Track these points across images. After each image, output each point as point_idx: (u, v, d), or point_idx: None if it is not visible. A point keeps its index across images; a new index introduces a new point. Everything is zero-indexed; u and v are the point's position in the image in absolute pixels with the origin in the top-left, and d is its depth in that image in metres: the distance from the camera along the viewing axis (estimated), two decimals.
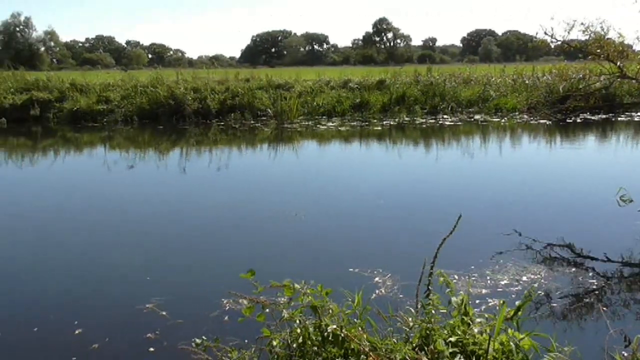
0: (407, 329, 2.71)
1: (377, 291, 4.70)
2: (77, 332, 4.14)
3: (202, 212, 7.69)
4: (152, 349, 3.87)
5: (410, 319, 2.77)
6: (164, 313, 4.35)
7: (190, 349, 2.68)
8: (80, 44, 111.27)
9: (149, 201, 8.40)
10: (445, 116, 19.15)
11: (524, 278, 4.98)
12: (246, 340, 3.45)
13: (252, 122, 18.32)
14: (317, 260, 5.67)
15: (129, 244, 6.37)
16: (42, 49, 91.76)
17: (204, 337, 2.75)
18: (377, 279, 4.96)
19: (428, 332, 2.60)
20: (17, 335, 4.17)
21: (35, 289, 5.06)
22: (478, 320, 2.60)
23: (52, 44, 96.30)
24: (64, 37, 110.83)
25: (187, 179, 10.16)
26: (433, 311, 2.67)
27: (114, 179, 10.20)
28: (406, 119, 18.68)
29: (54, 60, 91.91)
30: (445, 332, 2.58)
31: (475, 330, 2.53)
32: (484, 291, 4.67)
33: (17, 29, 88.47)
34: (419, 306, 2.89)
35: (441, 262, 3.00)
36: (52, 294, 4.95)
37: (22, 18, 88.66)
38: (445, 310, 2.72)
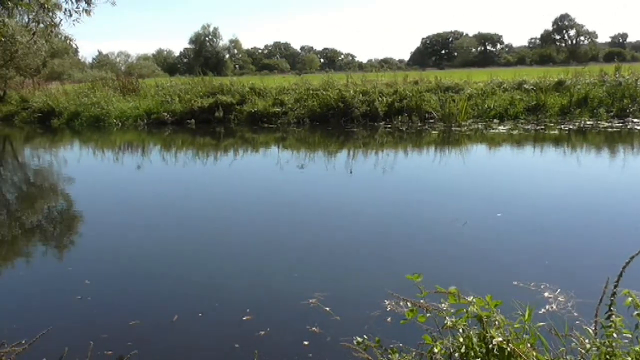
0: (583, 351, 2.48)
1: (546, 307, 4.38)
2: (244, 318, 4.43)
3: (367, 212, 7.80)
4: (313, 343, 4.00)
5: (587, 340, 2.53)
6: (327, 308, 4.48)
7: (351, 347, 2.72)
8: (260, 51, 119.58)
9: (317, 200, 8.73)
10: (635, 120, 17.26)
11: None
12: (401, 344, 3.42)
13: (419, 124, 18.18)
14: (478, 269, 5.44)
15: (296, 238, 6.68)
16: (227, 56, 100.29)
17: (365, 336, 2.78)
18: (546, 293, 4.62)
19: (608, 357, 2.34)
20: (184, 320, 4.52)
21: (206, 276, 5.52)
22: None
23: (236, 51, 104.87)
24: (246, 44, 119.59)
25: (353, 180, 10.37)
26: (615, 334, 2.40)
27: (286, 178, 10.77)
28: (588, 122, 17.19)
29: (237, 66, 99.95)
30: (630, 359, 2.31)
31: None
32: None
33: (207, 38, 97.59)
34: (598, 327, 2.62)
35: (626, 281, 2.69)
36: (224, 281, 5.36)
37: (211, 29, 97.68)
38: (630, 335, 2.43)
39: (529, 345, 2.44)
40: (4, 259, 6.47)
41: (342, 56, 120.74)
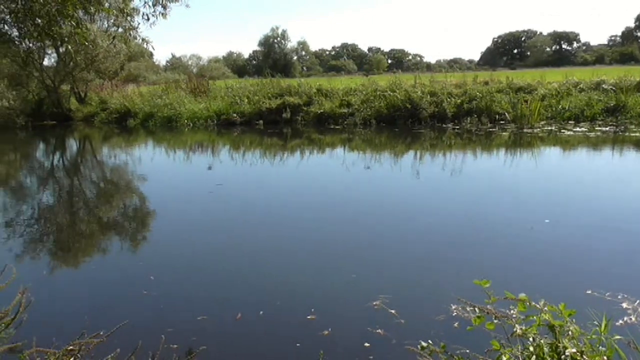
0: None
1: (625, 318, 4.15)
2: (308, 317, 4.45)
3: (434, 215, 7.67)
4: (376, 345, 3.97)
5: None
6: (392, 311, 4.44)
7: (416, 351, 2.67)
8: (327, 52, 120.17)
9: (383, 202, 8.66)
10: None
11: None
12: (468, 350, 3.33)
13: (489, 126, 17.72)
14: (548, 276, 5.22)
15: (361, 240, 6.65)
16: (295, 58, 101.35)
17: (430, 340, 2.73)
18: (624, 304, 4.38)
19: None
20: (248, 318, 4.58)
21: (271, 275, 5.57)
22: None
23: (304, 53, 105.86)
24: (314, 46, 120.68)
25: (420, 183, 10.23)
26: None
27: (352, 179, 10.75)
28: None
29: (304, 67, 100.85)
30: None
31: None
32: None
33: (276, 40, 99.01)
34: None
35: None
36: (289, 281, 5.39)
37: (279, 31, 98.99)
38: None
39: (605, 358, 2.32)
40: (83, 253, 6.81)
41: (410, 57, 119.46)
